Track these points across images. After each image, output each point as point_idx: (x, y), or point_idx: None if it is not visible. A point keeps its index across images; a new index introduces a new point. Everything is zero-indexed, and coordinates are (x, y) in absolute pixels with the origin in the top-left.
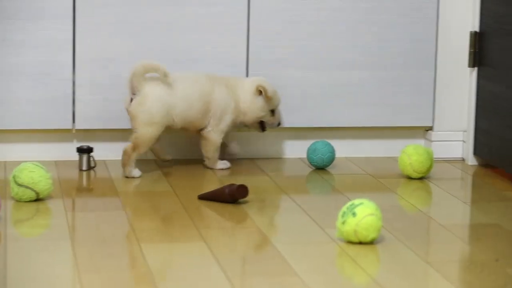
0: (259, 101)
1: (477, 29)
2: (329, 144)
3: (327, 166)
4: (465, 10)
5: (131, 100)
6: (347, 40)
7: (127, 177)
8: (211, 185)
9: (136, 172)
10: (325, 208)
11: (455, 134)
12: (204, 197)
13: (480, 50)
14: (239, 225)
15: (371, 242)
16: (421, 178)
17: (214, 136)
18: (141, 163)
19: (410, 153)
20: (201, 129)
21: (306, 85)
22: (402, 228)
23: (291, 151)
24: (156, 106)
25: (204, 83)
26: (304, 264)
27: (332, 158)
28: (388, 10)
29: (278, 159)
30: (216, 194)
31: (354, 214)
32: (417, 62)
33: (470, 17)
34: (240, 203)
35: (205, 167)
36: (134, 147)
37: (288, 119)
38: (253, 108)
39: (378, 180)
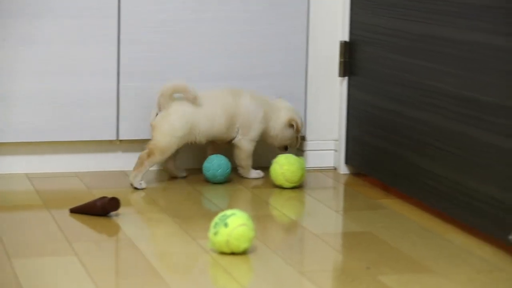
0: (289, 132)
1: (346, 38)
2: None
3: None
4: (335, 19)
5: (156, 115)
6: (219, 50)
7: (131, 184)
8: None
9: (138, 184)
10: (197, 219)
11: (326, 143)
12: (75, 211)
13: (350, 60)
14: (111, 238)
15: (243, 253)
16: (293, 188)
17: (245, 144)
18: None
19: (281, 163)
20: (231, 140)
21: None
22: (274, 238)
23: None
24: (180, 121)
25: (226, 98)
26: (177, 275)
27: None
28: (259, 20)
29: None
30: (87, 207)
31: (226, 225)
32: (288, 72)
33: (340, 27)
34: (112, 215)
35: (240, 176)
36: (149, 153)
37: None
38: (282, 137)
39: (250, 190)
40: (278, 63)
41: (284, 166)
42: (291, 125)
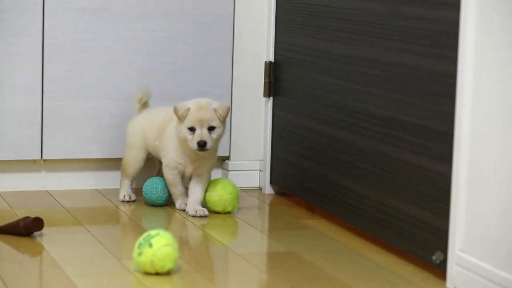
0: None
1: (271, 59)
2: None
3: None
4: (260, 40)
5: None
6: (144, 69)
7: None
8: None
9: (122, 196)
10: (122, 239)
11: (251, 164)
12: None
13: (275, 80)
14: (35, 258)
15: (168, 273)
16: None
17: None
18: None
19: (221, 192)
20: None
21: (100, 115)
22: (199, 258)
23: (84, 183)
24: (131, 129)
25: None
26: None
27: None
28: (184, 40)
29: (72, 190)
30: (10, 227)
31: (150, 245)
32: (214, 92)
33: (264, 47)
34: (35, 236)
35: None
36: (122, 170)
37: (83, 150)
38: None
39: (175, 211)
40: (203, 83)
41: (224, 195)
42: None
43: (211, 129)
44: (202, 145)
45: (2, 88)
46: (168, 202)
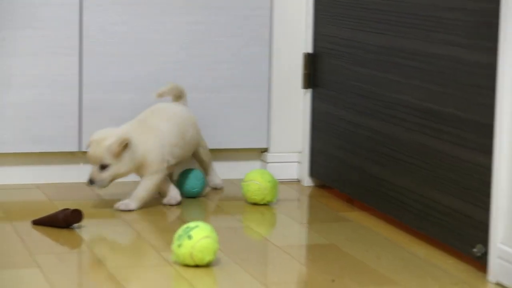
0: None
1: (310, 50)
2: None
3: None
4: (299, 31)
5: None
6: (181, 62)
7: None
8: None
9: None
10: (161, 231)
11: (290, 155)
12: (38, 223)
13: (314, 72)
14: (74, 250)
15: (207, 265)
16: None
17: None
18: None
19: (260, 180)
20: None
21: (137, 107)
22: (238, 250)
23: None
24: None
25: None
26: None
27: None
28: (222, 32)
29: None
30: (49, 219)
31: (190, 237)
32: (251, 84)
33: (303, 39)
34: (74, 227)
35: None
36: None
37: None
38: None
39: (214, 203)
40: (240, 75)
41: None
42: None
43: (103, 167)
44: (91, 183)
45: (41, 81)
46: (204, 193)
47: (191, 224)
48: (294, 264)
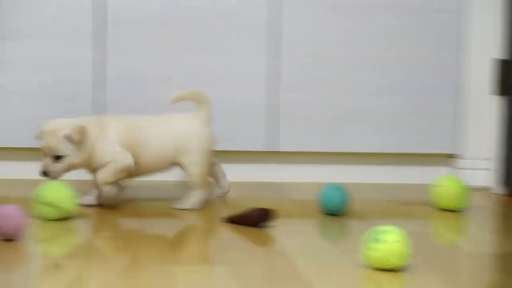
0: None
1: (503, 56)
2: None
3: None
4: (490, 37)
5: None
6: (369, 64)
7: None
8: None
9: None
10: (349, 234)
11: (480, 162)
12: (232, 221)
13: (508, 78)
14: (265, 248)
15: (398, 270)
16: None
17: None
18: None
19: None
20: None
21: (330, 110)
22: (429, 256)
23: (308, 176)
24: None
25: None
26: None
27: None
28: (410, 35)
29: (298, 183)
30: (242, 218)
31: (381, 241)
32: (438, 88)
33: (495, 44)
34: (265, 226)
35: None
36: None
37: (308, 142)
38: None
39: (403, 207)
40: (428, 78)
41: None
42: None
43: (57, 158)
44: (44, 174)
45: (237, 82)
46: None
47: (383, 228)
48: (487, 272)
